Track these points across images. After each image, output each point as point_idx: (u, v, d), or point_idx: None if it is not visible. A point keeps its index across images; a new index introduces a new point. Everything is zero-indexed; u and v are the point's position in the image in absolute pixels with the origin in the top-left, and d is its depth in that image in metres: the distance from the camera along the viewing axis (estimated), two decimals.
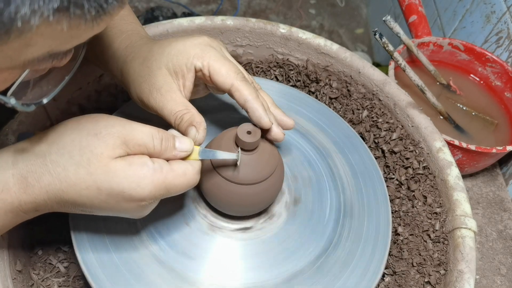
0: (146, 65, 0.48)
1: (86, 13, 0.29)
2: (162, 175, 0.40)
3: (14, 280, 0.50)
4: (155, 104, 0.47)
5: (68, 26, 0.29)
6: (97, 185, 0.39)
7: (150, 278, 0.47)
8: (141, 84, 0.48)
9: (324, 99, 0.70)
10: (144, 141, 0.40)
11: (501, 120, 0.83)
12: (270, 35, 0.71)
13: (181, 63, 0.47)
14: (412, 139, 0.65)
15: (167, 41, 0.49)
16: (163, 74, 0.47)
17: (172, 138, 0.43)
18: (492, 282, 0.71)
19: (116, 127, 0.40)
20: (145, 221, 0.50)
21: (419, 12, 0.88)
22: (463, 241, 0.54)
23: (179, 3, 1.96)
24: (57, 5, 0.27)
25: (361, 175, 0.59)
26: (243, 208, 0.50)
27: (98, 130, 0.40)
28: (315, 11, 2.06)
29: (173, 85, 0.47)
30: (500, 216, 0.79)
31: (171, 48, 0.48)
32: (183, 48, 0.48)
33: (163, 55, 0.48)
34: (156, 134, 0.41)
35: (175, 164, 0.42)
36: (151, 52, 0.49)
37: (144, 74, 0.48)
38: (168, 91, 0.47)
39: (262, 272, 0.49)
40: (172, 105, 0.46)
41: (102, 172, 0.39)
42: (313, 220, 0.54)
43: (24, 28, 0.27)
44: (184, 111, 0.46)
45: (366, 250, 0.52)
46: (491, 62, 0.85)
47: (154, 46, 0.50)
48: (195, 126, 0.45)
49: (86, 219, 0.49)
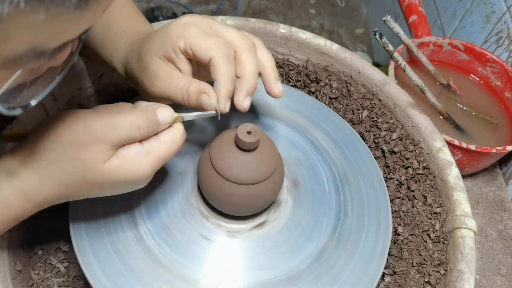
0: (141, 58, 0.48)
1: (65, 0, 0.26)
2: (155, 153, 0.42)
3: (14, 280, 0.50)
4: (160, 92, 0.46)
5: (46, 15, 0.26)
6: (98, 184, 0.41)
7: (150, 278, 0.47)
8: (142, 79, 0.48)
9: (324, 99, 0.70)
10: (130, 135, 0.40)
11: (501, 120, 0.83)
12: (270, 35, 0.71)
13: (167, 47, 0.46)
14: (412, 139, 0.65)
15: (155, 31, 0.48)
16: (155, 62, 0.46)
17: (154, 114, 0.42)
18: (492, 282, 0.71)
19: (98, 130, 0.39)
20: (146, 222, 0.50)
21: (419, 12, 0.88)
22: (463, 241, 0.54)
23: (179, 3, 1.96)
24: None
25: (361, 175, 0.59)
26: (243, 208, 0.50)
27: (81, 140, 0.39)
28: (315, 11, 2.06)
29: (168, 68, 0.46)
30: (500, 216, 0.79)
31: (156, 36, 0.47)
32: (165, 33, 0.46)
33: (152, 45, 0.47)
34: (140, 121, 0.40)
35: (163, 135, 0.43)
36: (143, 46, 0.48)
37: (141, 68, 0.47)
38: (166, 75, 0.46)
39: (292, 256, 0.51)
40: (174, 84, 0.45)
41: (101, 176, 0.40)
42: (317, 196, 0.56)
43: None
44: (187, 84, 0.45)
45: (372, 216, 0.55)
46: (491, 62, 0.85)
47: (146, 39, 0.49)
48: (205, 93, 0.44)
49: (86, 219, 0.49)
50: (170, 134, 0.43)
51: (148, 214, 0.51)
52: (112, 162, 0.40)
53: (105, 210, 0.50)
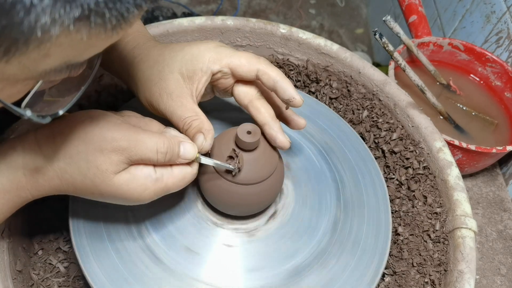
0: (157, 68, 0.48)
1: (107, 22, 0.27)
2: (163, 183, 0.43)
3: (14, 280, 0.50)
4: (164, 109, 0.47)
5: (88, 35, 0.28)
6: (101, 193, 0.42)
7: (150, 279, 0.47)
8: (151, 88, 0.48)
9: (324, 99, 0.70)
10: (148, 156, 0.41)
11: (501, 120, 0.83)
12: (270, 35, 0.71)
13: (196, 67, 0.47)
14: (412, 139, 0.65)
15: (179, 46, 0.49)
16: (175, 79, 0.47)
17: (177, 146, 0.43)
18: (492, 282, 0.71)
19: (121, 141, 0.40)
20: (146, 223, 0.50)
21: (419, 12, 0.88)
22: (463, 241, 0.54)
23: (179, 3, 1.96)
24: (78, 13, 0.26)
25: (361, 174, 0.59)
26: (243, 208, 0.50)
27: (104, 146, 0.40)
28: (315, 11, 2.06)
29: (184, 90, 0.47)
30: (500, 216, 0.79)
31: (185, 53, 0.48)
32: (197, 53, 0.48)
33: (176, 60, 0.48)
34: (162, 147, 0.42)
35: (176, 169, 0.43)
36: (162, 55, 0.49)
37: (154, 77, 0.48)
38: (179, 96, 0.47)
39: (311, 238, 0.52)
40: (183, 111, 0.46)
41: (107, 186, 0.41)
42: (313, 175, 0.58)
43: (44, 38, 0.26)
44: (194, 117, 0.46)
45: (372, 216, 0.56)
46: (491, 62, 0.85)
47: (165, 50, 0.49)
48: (203, 133, 0.45)
49: (86, 219, 0.49)
50: (183, 170, 0.44)
51: (148, 213, 0.51)
52: (121, 175, 0.41)
53: (105, 210, 0.50)
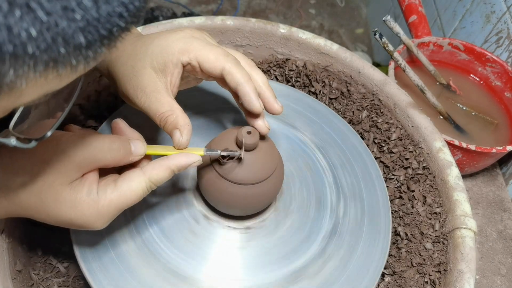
0: (130, 64, 0.47)
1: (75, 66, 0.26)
2: (106, 201, 0.40)
3: (14, 280, 0.50)
4: (140, 105, 0.46)
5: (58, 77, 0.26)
6: (47, 212, 0.39)
7: (149, 278, 0.47)
8: (125, 84, 0.47)
9: (324, 99, 0.70)
10: (98, 158, 0.40)
11: (501, 120, 0.83)
12: (270, 35, 0.71)
13: (166, 60, 0.45)
14: (412, 139, 0.65)
15: (150, 38, 0.48)
16: (148, 74, 0.46)
17: (128, 144, 0.42)
18: (492, 282, 0.71)
19: (67, 150, 0.38)
20: (146, 223, 0.50)
21: (419, 12, 0.88)
22: (463, 241, 0.54)
23: (179, 3, 1.96)
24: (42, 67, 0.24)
25: (361, 174, 0.59)
26: (242, 208, 0.50)
27: (49, 157, 0.38)
28: (315, 11, 2.06)
29: (158, 84, 0.46)
30: (500, 216, 0.79)
31: (154, 46, 0.46)
32: (166, 44, 0.46)
33: (147, 54, 0.46)
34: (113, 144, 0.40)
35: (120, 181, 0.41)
36: (134, 50, 0.47)
37: (128, 73, 0.47)
38: (152, 91, 0.45)
39: (313, 235, 0.53)
40: (157, 106, 0.45)
41: (53, 201, 0.39)
42: (312, 174, 0.58)
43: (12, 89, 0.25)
44: (168, 113, 0.45)
45: (372, 216, 0.56)
46: (491, 62, 0.85)
47: (138, 44, 0.48)
48: (179, 129, 0.44)
49: None
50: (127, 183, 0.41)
51: (148, 213, 0.51)
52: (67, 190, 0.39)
53: None
